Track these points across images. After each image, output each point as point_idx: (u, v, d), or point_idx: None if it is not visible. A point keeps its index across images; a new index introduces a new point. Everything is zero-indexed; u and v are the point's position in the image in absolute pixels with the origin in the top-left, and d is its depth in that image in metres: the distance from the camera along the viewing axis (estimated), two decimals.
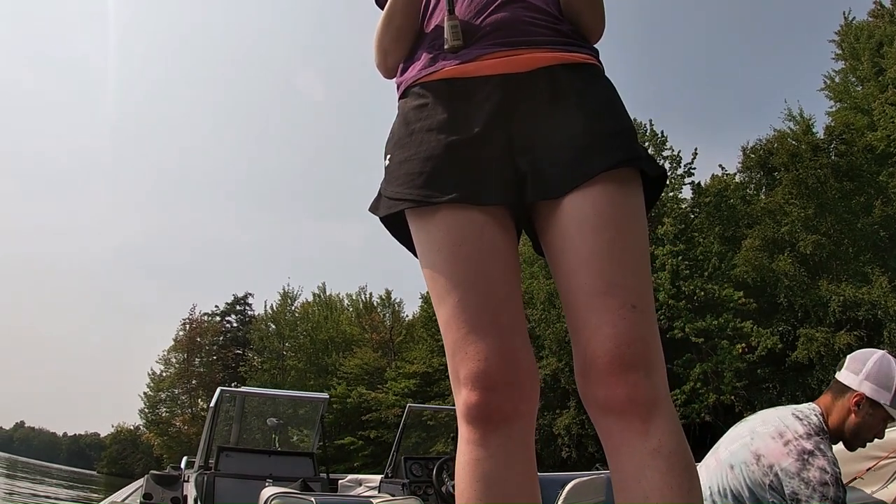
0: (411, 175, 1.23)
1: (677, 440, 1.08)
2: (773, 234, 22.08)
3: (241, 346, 46.54)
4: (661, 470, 1.04)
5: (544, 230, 1.23)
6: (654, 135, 25.41)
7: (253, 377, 38.88)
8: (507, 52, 1.25)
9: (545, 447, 24.16)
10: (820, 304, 20.63)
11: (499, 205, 1.21)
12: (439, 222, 1.20)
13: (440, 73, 1.29)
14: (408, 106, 1.32)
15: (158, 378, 47.31)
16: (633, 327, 1.10)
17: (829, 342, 19.46)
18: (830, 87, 26.43)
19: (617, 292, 1.11)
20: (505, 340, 1.14)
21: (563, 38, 1.29)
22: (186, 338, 47.07)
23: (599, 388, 1.10)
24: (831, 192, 21.21)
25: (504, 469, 1.11)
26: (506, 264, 1.20)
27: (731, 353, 20.59)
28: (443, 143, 1.22)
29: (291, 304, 43.30)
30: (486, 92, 1.24)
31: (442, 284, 1.19)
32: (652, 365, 1.10)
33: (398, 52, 1.40)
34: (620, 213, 1.16)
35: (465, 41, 1.26)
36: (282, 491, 3.48)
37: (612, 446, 1.11)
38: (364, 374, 34.90)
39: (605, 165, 1.16)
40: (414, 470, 6.73)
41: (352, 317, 41.28)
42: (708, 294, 21.36)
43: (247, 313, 49.08)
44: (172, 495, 4.93)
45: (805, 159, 21.61)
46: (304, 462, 6.57)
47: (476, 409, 1.12)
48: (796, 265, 21.41)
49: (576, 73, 1.26)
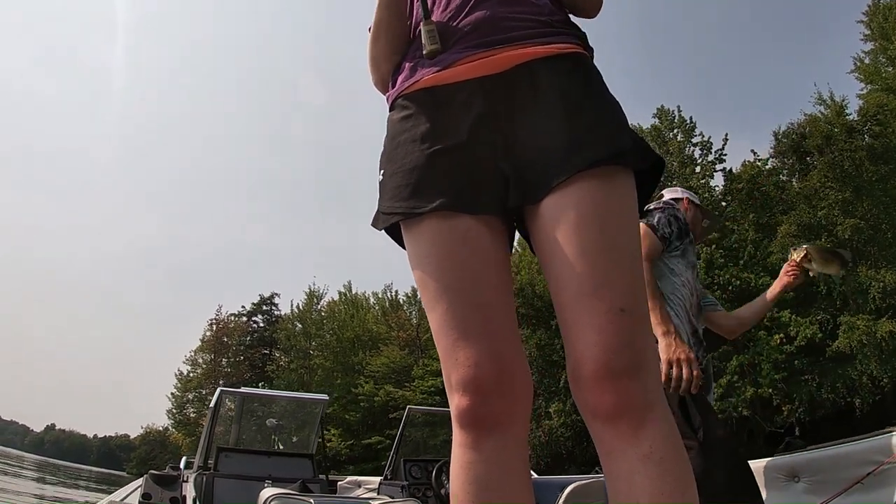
0: (398, 188, 1.24)
1: (670, 445, 1.05)
2: (810, 219, 21.42)
3: (268, 346, 46.64)
4: (651, 476, 1.02)
5: (532, 233, 1.22)
6: (682, 121, 24.87)
7: (280, 377, 39.06)
8: (484, 54, 1.23)
9: (577, 444, 23.75)
10: (860, 291, 20.00)
11: (485, 211, 1.20)
12: (426, 231, 1.21)
13: (419, 82, 1.28)
14: (393, 119, 1.33)
15: (186, 378, 47.64)
16: (621, 332, 1.07)
17: (870, 330, 18.83)
18: (860, 68, 25.64)
19: (604, 295, 1.09)
20: (495, 345, 1.15)
21: (544, 28, 1.26)
22: (213, 338, 47.29)
23: (589, 395, 1.09)
24: (867, 175, 20.57)
25: (497, 472, 1.12)
26: (496, 270, 1.21)
27: (769, 343, 19.99)
28: (426, 153, 1.22)
29: (317, 304, 43.11)
30: (465, 97, 1.23)
31: (431, 291, 1.19)
32: (642, 369, 1.07)
33: (390, 66, 1.40)
34: (604, 211, 1.13)
35: (442, 45, 1.25)
36: (281, 492, 3.54)
37: (604, 451, 1.10)
38: (391, 372, 34.70)
39: (584, 163, 1.13)
40: (413, 472, 6.66)
41: (378, 315, 41.05)
42: (743, 283, 20.75)
43: (273, 313, 49.30)
44: (171, 495, 4.87)
45: (840, 141, 21.00)
46: (303, 463, 6.61)
47: (468, 414, 1.13)
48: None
49: (556, 66, 1.23)
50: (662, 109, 25.46)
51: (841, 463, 2.81)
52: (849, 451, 2.85)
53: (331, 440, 33.58)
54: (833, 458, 2.91)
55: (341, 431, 34.32)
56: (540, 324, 25.04)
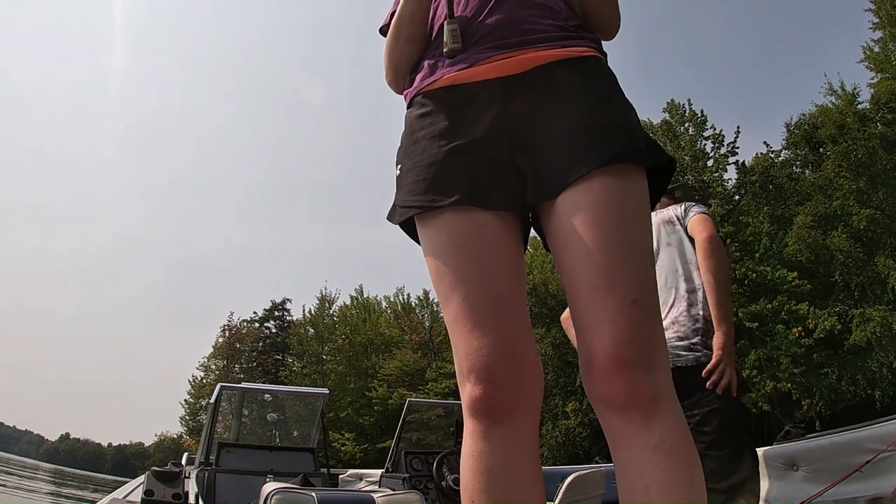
0: (416, 182, 1.26)
1: (680, 434, 1.07)
2: (825, 209, 21.23)
3: (281, 352, 46.59)
4: (662, 465, 1.03)
5: (547, 229, 1.24)
6: (693, 115, 24.70)
7: (293, 382, 38.93)
8: (504, 55, 1.25)
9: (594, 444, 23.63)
10: (878, 282, 19.83)
11: (501, 207, 1.22)
12: (442, 225, 1.23)
13: (439, 81, 1.30)
14: (412, 116, 1.35)
15: (199, 385, 47.60)
16: (633, 324, 1.08)
17: (886, 321, 18.64)
18: (870, 57, 25.36)
19: (617, 288, 1.10)
20: (508, 337, 1.16)
21: (561, 32, 1.28)
22: (226, 344, 47.19)
23: (600, 386, 1.10)
24: (881, 164, 20.38)
25: (508, 462, 1.13)
26: (510, 264, 1.22)
27: (788, 337, 19.78)
28: (444, 150, 1.25)
29: (329, 308, 43.12)
30: (484, 96, 1.25)
31: (447, 284, 1.21)
32: (653, 361, 1.09)
33: (408, 63, 1.42)
34: (618, 208, 1.15)
35: (463, 44, 1.28)
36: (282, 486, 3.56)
37: (614, 441, 1.11)
38: (405, 375, 34.65)
39: (599, 161, 1.15)
40: (414, 464, 6.73)
41: (390, 318, 40.98)
42: (760, 276, 20.60)
43: (285, 318, 49.17)
44: (173, 492, 4.88)
45: (853, 130, 20.81)
46: (304, 457, 6.60)
47: (480, 404, 1.14)
48: (851, 241, 20.54)
49: (574, 67, 1.25)
50: (673, 103, 25.32)
51: (839, 451, 2.83)
52: (847, 439, 2.86)
53: (345, 444, 33.53)
54: (831, 446, 2.92)
55: (355, 435, 34.27)
56: (554, 322, 24.90)
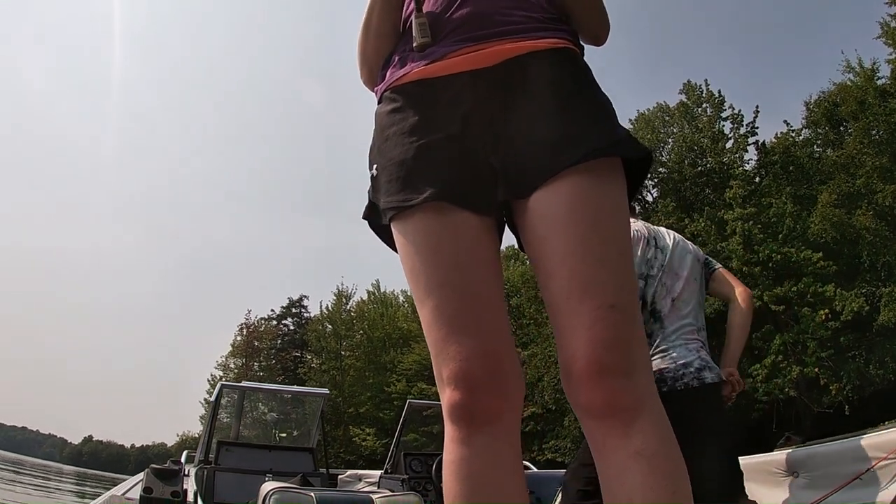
0: (389, 182, 1.23)
1: (661, 441, 1.04)
2: (849, 187, 20.74)
3: (299, 349, 46.71)
4: (643, 472, 1.01)
5: (522, 230, 1.21)
6: (711, 95, 24.26)
7: (312, 378, 39.06)
8: (474, 47, 1.22)
9: None
10: None
11: (475, 205, 1.19)
12: (417, 225, 1.19)
13: (409, 75, 1.26)
14: (382, 112, 1.31)
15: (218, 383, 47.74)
16: (611, 329, 1.06)
17: None
18: (888, 32, 24.79)
19: (594, 292, 1.07)
20: (486, 340, 1.13)
21: (534, 23, 1.24)
22: (244, 342, 47.41)
23: (580, 393, 1.08)
24: None
25: (490, 468, 1.11)
26: (486, 265, 1.19)
27: (814, 320, 19.30)
28: (414, 146, 1.21)
29: (347, 304, 43.08)
30: (454, 91, 1.21)
31: (422, 286, 1.18)
32: (633, 366, 1.06)
33: (379, 59, 1.37)
34: (593, 208, 1.12)
35: (433, 38, 1.24)
36: (281, 486, 3.58)
37: (596, 449, 1.09)
38: (423, 369, 34.45)
39: (574, 157, 1.12)
40: (413, 466, 6.78)
41: (408, 312, 40.68)
42: (784, 258, 20.10)
43: (303, 315, 49.34)
44: (172, 489, 4.87)
45: (874, 106, 20.34)
46: (303, 457, 6.68)
47: (459, 409, 1.12)
48: (876, 219, 20.04)
49: (546, 60, 1.21)
50: (689, 84, 24.87)
51: (840, 459, 2.84)
52: (847, 447, 2.87)
53: (366, 439, 33.51)
54: (832, 453, 2.94)
55: (375, 430, 34.21)
56: None
